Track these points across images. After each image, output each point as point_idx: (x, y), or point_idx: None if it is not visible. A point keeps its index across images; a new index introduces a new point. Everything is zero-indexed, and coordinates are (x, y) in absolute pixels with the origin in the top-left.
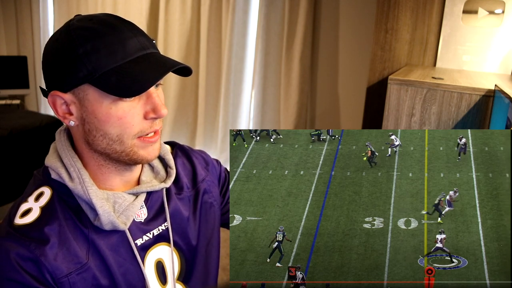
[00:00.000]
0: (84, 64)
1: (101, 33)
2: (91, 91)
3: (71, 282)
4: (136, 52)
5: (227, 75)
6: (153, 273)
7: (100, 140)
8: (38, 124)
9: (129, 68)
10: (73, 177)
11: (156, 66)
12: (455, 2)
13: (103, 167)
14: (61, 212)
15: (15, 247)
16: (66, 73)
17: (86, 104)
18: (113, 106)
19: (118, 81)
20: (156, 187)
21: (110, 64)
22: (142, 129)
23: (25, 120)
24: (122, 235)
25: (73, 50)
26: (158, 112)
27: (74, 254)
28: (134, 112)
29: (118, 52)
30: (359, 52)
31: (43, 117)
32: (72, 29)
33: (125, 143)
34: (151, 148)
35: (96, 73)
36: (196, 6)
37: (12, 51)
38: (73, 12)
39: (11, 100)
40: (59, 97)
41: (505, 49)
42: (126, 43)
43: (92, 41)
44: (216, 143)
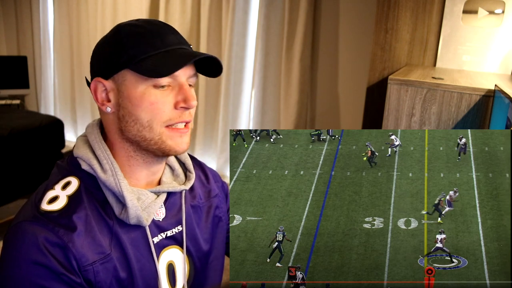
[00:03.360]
0: (126, 51)
1: (144, 27)
2: (129, 76)
3: (95, 271)
4: (172, 45)
5: (227, 75)
6: (165, 273)
7: (131, 126)
8: (38, 124)
9: (164, 55)
10: (106, 169)
11: (187, 55)
12: (455, 2)
13: (132, 159)
14: (87, 202)
15: (43, 232)
16: (110, 60)
17: (123, 89)
18: (147, 92)
19: (153, 65)
20: (177, 188)
21: (148, 52)
22: (172, 117)
23: (25, 120)
24: (142, 232)
25: (119, 40)
26: (188, 102)
27: (98, 244)
28: (165, 100)
29: (156, 43)
30: (359, 52)
31: (43, 117)
32: (120, 26)
33: (154, 130)
34: (179, 140)
35: (136, 59)
36: (196, 6)
37: (12, 51)
38: (73, 12)
39: (11, 100)
40: (101, 84)
41: (505, 49)
42: (165, 37)
43: (136, 34)
44: (216, 143)
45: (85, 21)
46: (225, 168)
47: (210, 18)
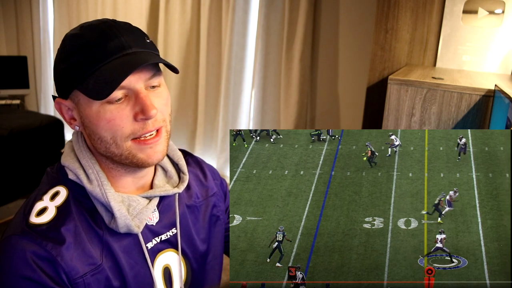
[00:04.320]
0: (70, 71)
1: (85, 38)
2: (81, 96)
3: (86, 283)
4: (114, 53)
5: (227, 75)
6: (161, 278)
7: (98, 143)
8: (38, 124)
9: (104, 71)
10: (92, 179)
11: (126, 66)
12: (455, 2)
13: (113, 170)
14: (76, 213)
15: (31, 246)
16: (61, 79)
17: (80, 109)
18: (101, 109)
19: (94, 84)
20: (169, 192)
21: (90, 69)
22: (134, 130)
23: (25, 120)
24: (135, 238)
25: (65, 57)
26: (147, 113)
27: (89, 255)
28: (122, 114)
29: (97, 56)
30: (359, 52)
31: (43, 117)
32: (66, 37)
33: (120, 146)
34: (150, 151)
35: (79, 78)
36: (196, 6)
37: (12, 51)
38: (73, 12)
39: (11, 100)
40: (63, 104)
41: (505, 49)
42: (107, 45)
43: (77, 47)
44: (216, 143)
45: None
46: (225, 168)
47: (210, 18)
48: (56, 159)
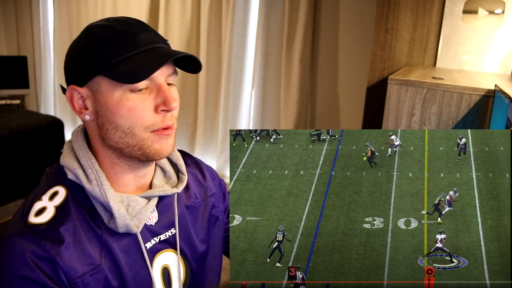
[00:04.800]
0: (97, 56)
1: (115, 28)
2: (104, 82)
3: (85, 283)
4: (146, 45)
5: (227, 75)
6: (159, 278)
7: (112, 133)
8: (38, 124)
9: (137, 58)
10: (91, 178)
11: (162, 56)
12: (455, 2)
13: (116, 166)
14: (75, 213)
15: (30, 246)
16: (82, 66)
17: (99, 97)
18: (124, 97)
19: (126, 69)
20: (168, 191)
21: (120, 55)
22: (154, 122)
23: (25, 120)
24: (134, 238)
25: (89, 45)
26: (168, 104)
27: (88, 255)
28: (144, 105)
29: (128, 45)
30: (359, 52)
31: (43, 117)
32: (89, 28)
33: (137, 136)
34: (165, 143)
35: (108, 64)
36: (196, 6)
37: (12, 51)
38: (73, 12)
39: (11, 100)
40: (76, 92)
41: (505, 49)
42: (137, 37)
43: (106, 36)
44: (216, 143)
45: (85, 21)
46: (225, 168)
47: (210, 18)
48: (56, 159)
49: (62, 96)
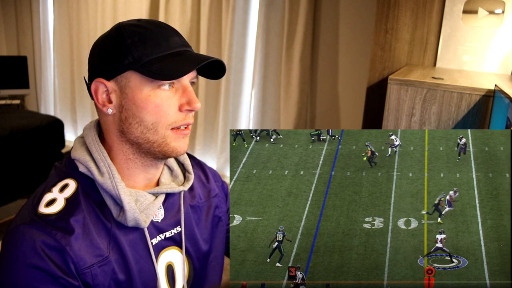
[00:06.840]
0: (131, 52)
1: (148, 28)
2: (134, 77)
3: (93, 274)
4: (177, 47)
5: (227, 75)
6: (164, 274)
7: (135, 127)
8: (38, 124)
9: (170, 58)
10: (103, 171)
11: (193, 59)
12: (455, 2)
13: (130, 161)
14: (85, 205)
15: (40, 235)
16: (113, 60)
17: (127, 91)
18: (152, 94)
19: (161, 67)
20: (175, 189)
21: (154, 54)
22: (176, 120)
23: (25, 120)
24: (141, 233)
25: (122, 41)
26: (193, 104)
27: (96, 246)
28: (170, 103)
29: (162, 45)
30: (359, 52)
31: (43, 117)
32: (122, 26)
33: (159, 133)
34: (182, 141)
35: (141, 61)
36: (196, 6)
37: (12, 51)
38: (73, 12)
39: (11, 100)
40: (102, 85)
41: (505, 49)
42: (170, 39)
43: (140, 34)
44: (216, 143)
45: (85, 21)
46: (225, 168)
47: (210, 18)
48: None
49: (62, 96)
